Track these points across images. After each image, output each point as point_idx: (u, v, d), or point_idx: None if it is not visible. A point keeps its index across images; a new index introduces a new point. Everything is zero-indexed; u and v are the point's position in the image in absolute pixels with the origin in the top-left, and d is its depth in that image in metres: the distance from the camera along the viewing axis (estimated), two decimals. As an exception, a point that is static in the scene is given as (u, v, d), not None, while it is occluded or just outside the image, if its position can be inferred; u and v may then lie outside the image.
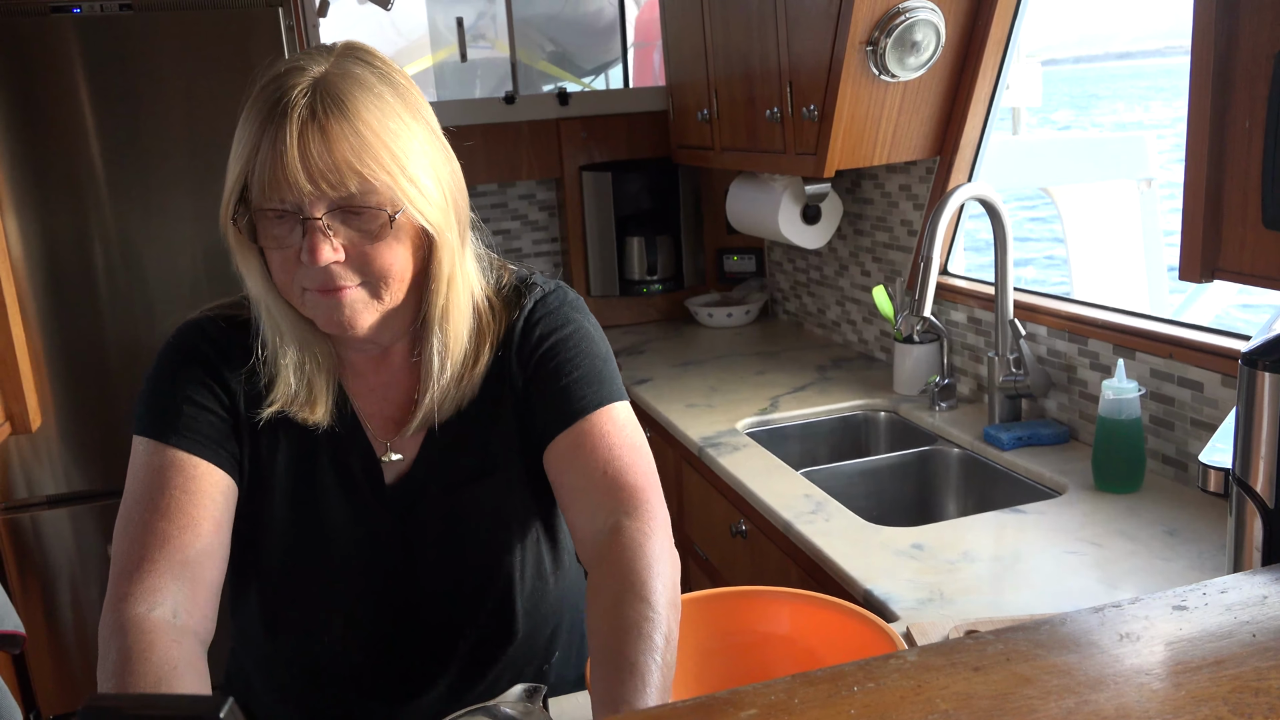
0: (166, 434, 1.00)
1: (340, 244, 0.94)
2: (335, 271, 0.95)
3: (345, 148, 0.91)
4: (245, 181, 0.94)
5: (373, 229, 0.95)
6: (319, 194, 0.92)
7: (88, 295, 2.41)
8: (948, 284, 2.21)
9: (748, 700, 0.65)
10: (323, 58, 0.96)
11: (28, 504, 2.45)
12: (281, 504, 1.07)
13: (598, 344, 1.11)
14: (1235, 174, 0.95)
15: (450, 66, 3.52)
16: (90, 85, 2.33)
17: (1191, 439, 1.63)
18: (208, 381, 1.04)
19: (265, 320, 1.02)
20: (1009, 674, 0.66)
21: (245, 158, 0.93)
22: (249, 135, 0.93)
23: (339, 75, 0.94)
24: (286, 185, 0.91)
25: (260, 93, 0.94)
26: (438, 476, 1.09)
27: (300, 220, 0.93)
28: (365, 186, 0.93)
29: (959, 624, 1.23)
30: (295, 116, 0.91)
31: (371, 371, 1.10)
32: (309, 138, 0.90)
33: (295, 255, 0.95)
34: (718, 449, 1.98)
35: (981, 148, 2.18)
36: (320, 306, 0.97)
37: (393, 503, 1.09)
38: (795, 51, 2.22)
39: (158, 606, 0.91)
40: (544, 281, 1.13)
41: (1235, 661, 0.65)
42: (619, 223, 3.09)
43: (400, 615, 1.12)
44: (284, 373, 1.03)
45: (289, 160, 0.90)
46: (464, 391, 1.07)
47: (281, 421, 1.05)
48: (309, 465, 1.07)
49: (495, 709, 0.92)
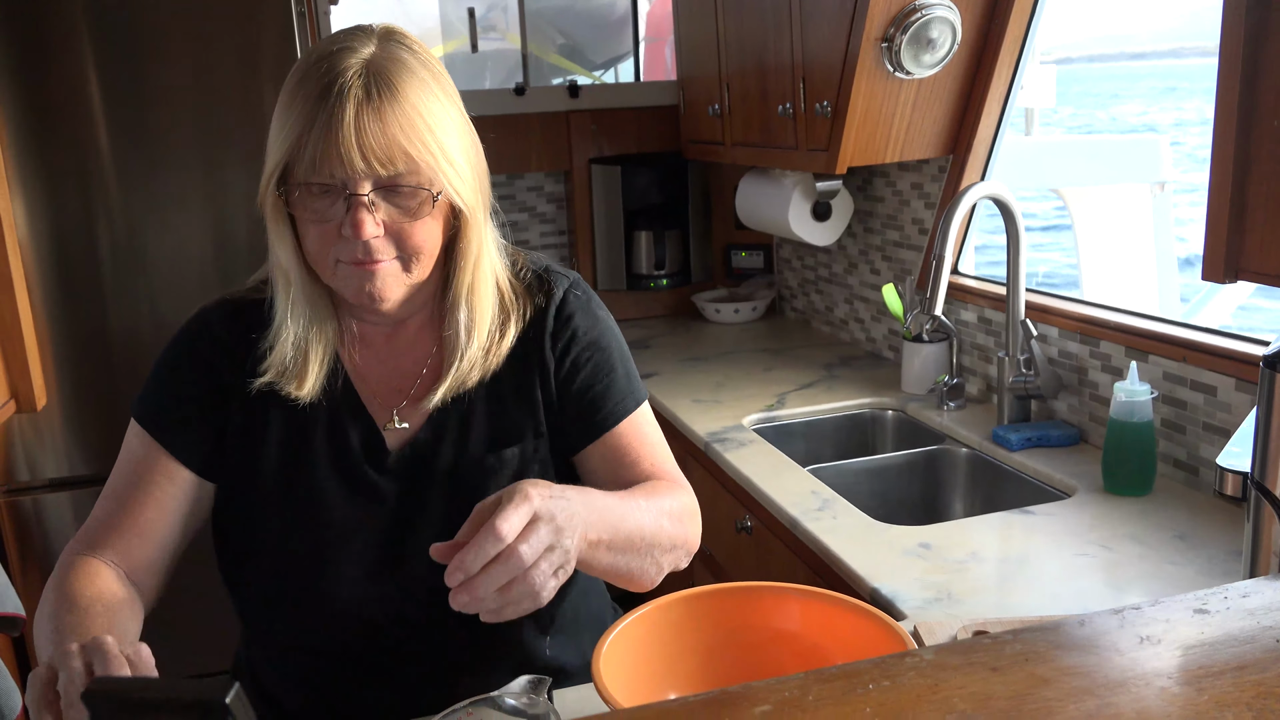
0: (147, 421, 1.10)
1: (380, 219, 0.99)
2: (374, 245, 0.99)
3: (396, 129, 0.96)
4: (290, 156, 0.98)
5: (412, 206, 1.00)
6: (369, 172, 0.96)
7: (92, 279, 2.40)
8: (958, 283, 2.20)
9: (761, 696, 0.63)
10: (368, 40, 1.01)
11: (29, 487, 2.45)
12: (272, 479, 1.10)
13: (622, 343, 1.19)
14: (1261, 174, 0.93)
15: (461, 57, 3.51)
16: (98, 67, 2.32)
17: (1203, 443, 1.62)
18: (195, 369, 1.10)
19: (280, 292, 1.07)
20: (1027, 675, 0.65)
21: (297, 133, 0.96)
22: (299, 112, 0.97)
23: (386, 58, 0.98)
24: (339, 162, 0.95)
25: (310, 71, 0.98)
26: (452, 445, 1.11)
27: (346, 196, 0.98)
28: (410, 166, 0.98)
29: (967, 624, 1.22)
30: (351, 97, 0.95)
31: (382, 343, 1.13)
32: (364, 118, 0.95)
33: (335, 229, 0.99)
34: (724, 444, 1.97)
35: (995, 147, 2.16)
36: (353, 278, 1.01)
37: (396, 471, 1.11)
38: (809, 47, 2.20)
39: (98, 558, 1.04)
40: (565, 271, 1.19)
41: (1259, 667, 0.64)
42: (627, 217, 3.08)
43: (405, 586, 1.12)
44: (281, 345, 1.07)
45: (344, 138, 0.94)
46: (490, 363, 1.11)
47: (275, 398, 1.08)
48: (302, 440, 1.10)
49: (500, 700, 0.91)
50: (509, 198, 3.19)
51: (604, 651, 0.94)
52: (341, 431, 1.10)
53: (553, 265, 1.19)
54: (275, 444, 1.10)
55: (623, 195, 3.06)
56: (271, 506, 1.10)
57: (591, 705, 1.05)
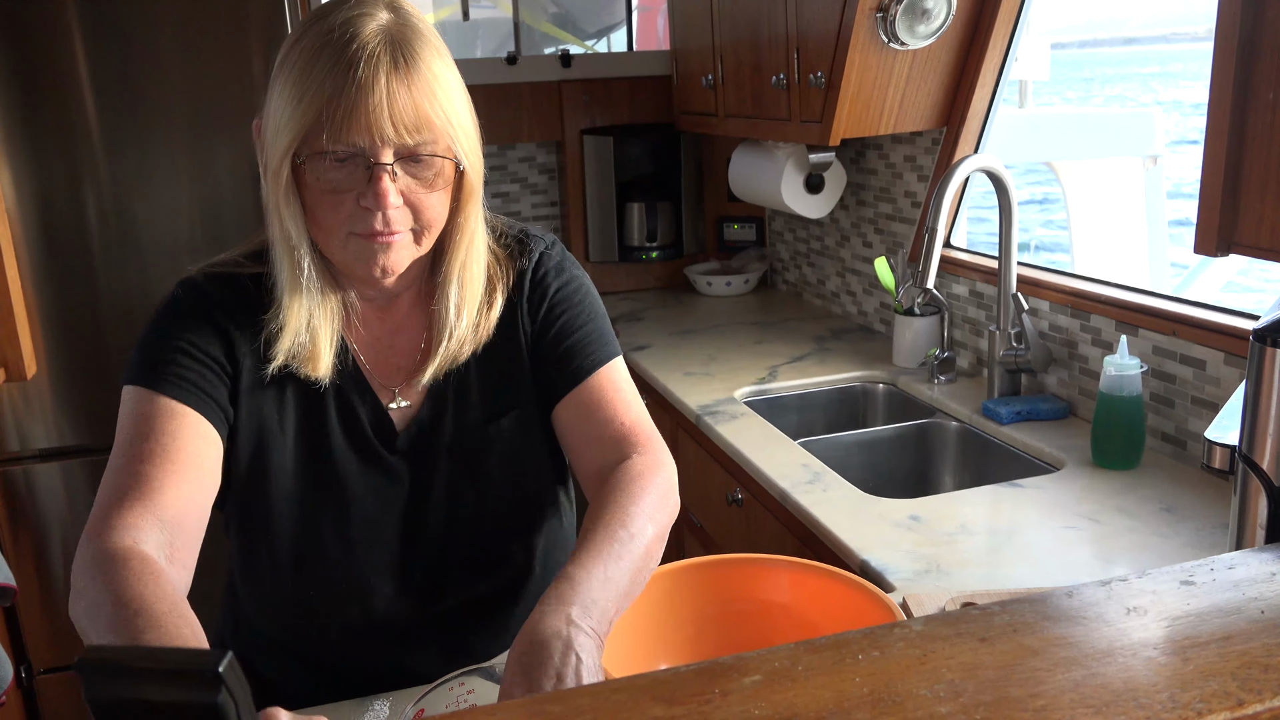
0: (156, 382, 1.00)
1: (399, 189, 0.97)
2: (392, 216, 0.97)
3: (423, 99, 0.95)
4: (311, 124, 0.94)
5: (428, 176, 0.99)
6: (396, 139, 0.94)
7: (81, 250, 2.39)
8: (950, 257, 2.20)
9: (751, 666, 0.64)
10: (378, 5, 0.98)
11: (19, 457, 2.44)
12: (291, 456, 1.08)
13: (596, 300, 1.18)
14: (1256, 148, 0.93)
15: (452, 25, 3.47)
16: (84, 36, 2.29)
17: (1192, 417, 1.63)
18: (206, 335, 1.04)
19: (288, 269, 1.02)
20: (1016, 645, 0.65)
21: (323, 100, 0.93)
22: (321, 79, 0.93)
23: (404, 26, 0.97)
24: (365, 130, 0.93)
25: (326, 36, 0.94)
26: (452, 418, 1.11)
27: (368, 165, 0.95)
28: (432, 135, 0.96)
29: (955, 595, 1.23)
30: (380, 64, 0.93)
31: (377, 320, 1.12)
32: (394, 86, 0.93)
33: (351, 199, 0.97)
34: (715, 417, 1.97)
35: (989, 120, 2.15)
36: (365, 250, 0.99)
37: (404, 449, 1.11)
38: (804, 17, 2.18)
39: (144, 542, 0.90)
40: (541, 233, 1.19)
41: (1244, 637, 0.65)
42: (619, 188, 3.06)
43: (420, 560, 1.13)
44: (290, 324, 1.03)
45: (373, 105, 0.92)
46: (480, 336, 1.10)
47: (288, 376, 1.06)
48: (317, 418, 1.09)
49: (492, 670, 0.91)
50: (500, 168, 3.17)
51: (595, 622, 0.94)
52: (352, 411, 1.09)
53: (527, 227, 1.18)
54: (291, 424, 1.08)
55: (615, 167, 3.04)
56: (291, 486, 1.09)
57: (583, 675, 1.06)
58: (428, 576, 1.14)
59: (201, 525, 0.99)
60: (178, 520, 0.94)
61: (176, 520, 0.94)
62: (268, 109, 0.99)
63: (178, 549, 0.94)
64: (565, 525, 1.24)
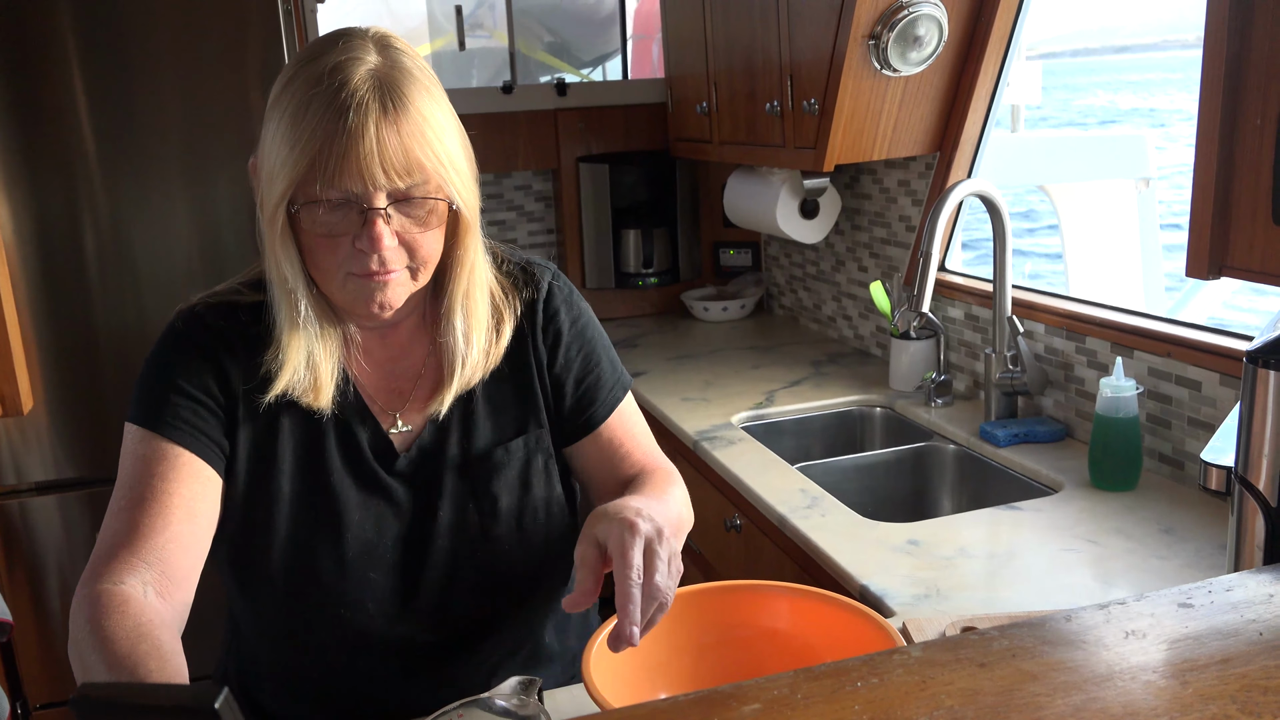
0: (153, 423, 1.03)
1: (394, 230, 0.99)
2: (388, 256, 0.99)
3: (411, 141, 0.96)
4: (304, 173, 0.95)
5: (422, 215, 1.00)
6: (389, 185, 0.96)
7: (78, 281, 2.39)
8: (945, 280, 2.21)
9: (751, 695, 0.64)
10: (367, 46, 0.99)
11: (16, 490, 2.43)
12: (288, 484, 1.09)
13: (602, 331, 1.23)
14: (1245, 171, 0.94)
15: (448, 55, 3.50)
16: (83, 68, 2.30)
17: (1189, 438, 1.63)
18: (203, 370, 1.06)
19: (286, 308, 1.04)
20: (1015, 670, 0.65)
21: (315, 149, 0.94)
22: (313, 128, 0.94)
23: (392, 67, 0.97)
24: (357, 176, 0.94)
25: (316, 82, 0.95)
26: (457, 442, 1.13)
27: (361, 209, 0.97)
28: (423, 176, 0.98)
29: (955, 620, 1.22)
30: (369, 110, 0.94)
31: (378, 347, 1.13)
32: (384, 132, 0.94)
33: (346, 242, 0.98)
34: (713, 443, 1.97)
35: (982, 144, 2.17)
36: (363, 289, 1.01)
37: (405, 470, 1.12)
38: (797, 44, 2.21)
39: (125, 583, 0.95)
40: (544, 262, 1.21)
41: (1243, 660, 0.65)
42: (615, 215, 3.08)
43: (421, 584, 1.13)
44: (290, 362, 1.04)
45: (364, 153, 0.94)
46: (490, 363, 1.13)
47: (286, 404, 1.07)
48: (315, 446, 1.09)
49: (490, 701, 0.91)
50: (496, 196, 3.18)
51: (594, 652, 0.94)
52: (351, 436, 1.10)
53: (530, 256, 1.21)
54: (290, 451, 1.09)
55: (611, 193, 3.06)
56: (289, 513, 1.09)
57: (582, 706, 1.05)
58: (429, 600, 1.13)
59: (196, 566, 1.01)
60: (169, 561, 0.98)
61: (167, 562, 0.97)
62: (262, 150, 1.00)
63: (167, 588, 0.97)
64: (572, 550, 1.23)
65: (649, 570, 0.88)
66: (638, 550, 0.89)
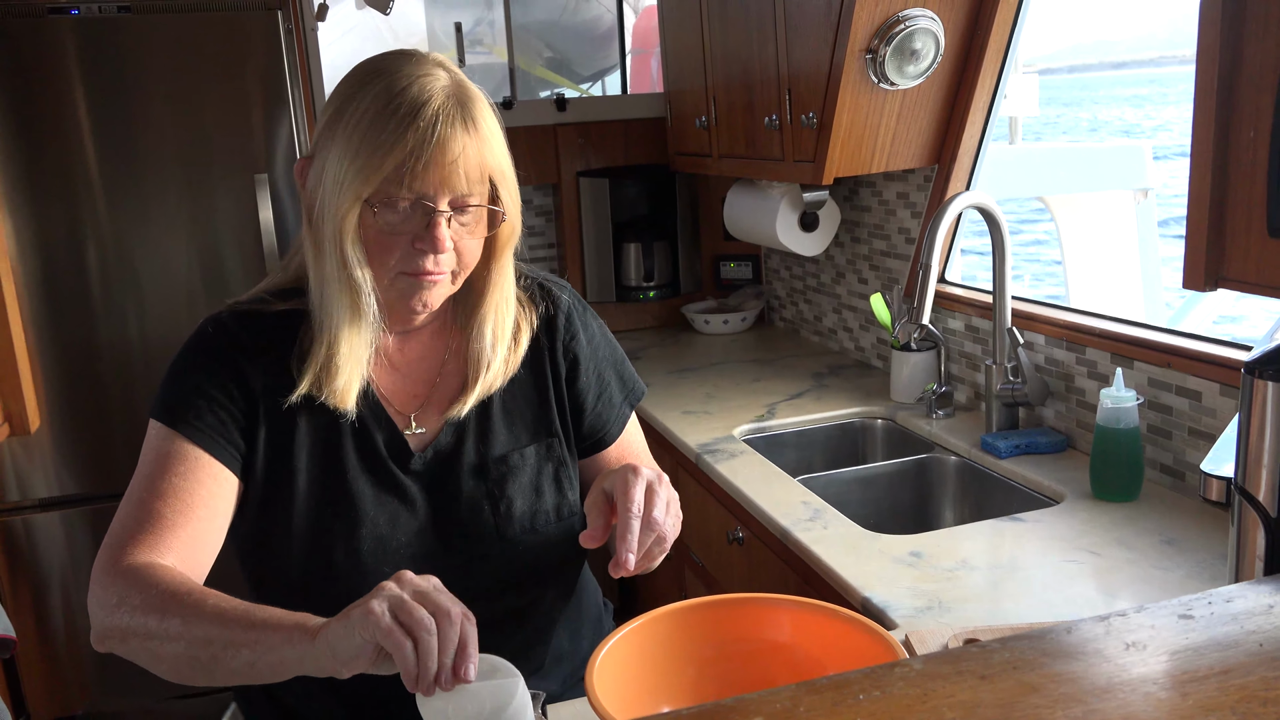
0: (176, 423, 1.07)
1: (450, 234, 1.05)
2: (442, 259, 1.05)
3: (486, 154, 1.04)
4: (387, 175, 1.01)
5: (471, 223, 1.07)
6: (464, 191, 1.03)
7: (82, 299, 2.40)
8: (945, 292, 2.21)
9: (753, 708, 0.64)
10: (435, 65, 1.05)
11: (20, 507, 2.44)
12: (305, 483, 1.11)
13: (615, 345, 1.30)
14: (1240, 183, 0.95)
15: (448, 71, 3.52)
16: (87, 88, 2.32)
17: (1189, 448, 1.63)
18: (224, 375, 1.10)
19: (344, 307, 1.07)
20: (1015, 682, 0.65)
21: (401, 153, 0.99)
22: (399, 132, 0.99)
23: (461, 86, 1.05)
24: (439, 182, 1.01)
25: (394, 94, 1.01)
26: (473, 445, 1.16)
27: (426, 212, 1.03)
28: (486, 187, 1.06)
29: (958, 632, 1.22)
30: (455, 123, 1.01)
31: (397, 352, 1.17)
32: (467, 143, 1.02)
33: (404, 241, 1.04)
34: (715, 456, 1.98)
35: (980, 156, 2.18)
36: (411, 287, 1.06)
37: (420, 470, 1.15)
38: (795, 59, 2.22)
39: (151, 561, 0.99)
40: (559, 279, 1.28)
41: (1242, 671, 0.65)
42: (616, 229, 3.09)
43: None
44: (348, 358, 1.08)
45: (448, 160, 1.01)
46: (509, 370, 1.17)
47: (305, 407, 1.10)
48: (332, 446, 1.12)
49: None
50: (497, 211, 3.19)
51: (597, 665, 0.94)
52: (369, 437, 1.13)
53: (546, 274, 1.27)
54: (307, 451, 1.12)
55: (611, 208, 3.07)
56: (305, 509, 1.11)
57: (585, 718, 1.06)
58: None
59: (208, 564, 1.05)
60: (187, 555, 1.02)
61: (186, 555, 1.02)
62: (328, 157, 1.03)
63: None
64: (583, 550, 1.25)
65: (648, 505, 0.97)
66: (639, 488, 0.97)
